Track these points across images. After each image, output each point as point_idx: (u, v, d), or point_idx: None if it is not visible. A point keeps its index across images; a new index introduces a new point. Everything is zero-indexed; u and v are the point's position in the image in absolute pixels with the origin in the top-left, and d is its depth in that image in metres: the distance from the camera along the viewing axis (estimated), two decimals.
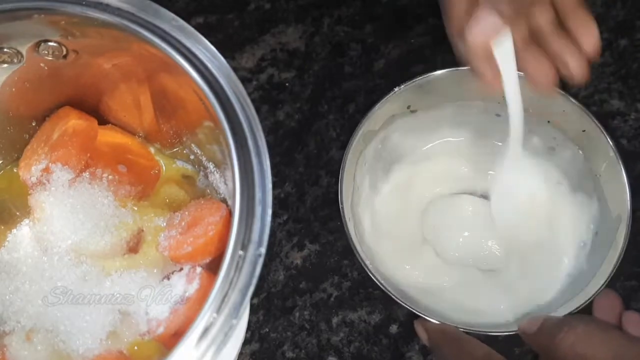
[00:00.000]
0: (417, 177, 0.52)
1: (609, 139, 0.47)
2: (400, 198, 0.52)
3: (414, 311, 0.44)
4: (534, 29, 0.45)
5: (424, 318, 0.44)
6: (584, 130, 0.48)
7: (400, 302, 0.44)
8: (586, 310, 0.44)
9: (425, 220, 0.51)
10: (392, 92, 0.48)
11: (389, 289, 0.44)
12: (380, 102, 0.48)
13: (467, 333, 0.43)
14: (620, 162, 0.46)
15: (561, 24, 0.45)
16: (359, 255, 0.45)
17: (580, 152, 0.49)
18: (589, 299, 0.43)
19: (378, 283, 0.44)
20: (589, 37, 0.44)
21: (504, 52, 0.43)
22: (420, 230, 0.51)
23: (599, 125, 0.47)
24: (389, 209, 0.52)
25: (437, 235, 0.51)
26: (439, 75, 0.48)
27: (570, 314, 0.43)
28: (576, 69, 0.44)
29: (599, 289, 0.44)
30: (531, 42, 0.45)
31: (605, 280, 0.44)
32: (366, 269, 0.44)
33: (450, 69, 0.48)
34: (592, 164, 0.48)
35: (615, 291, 0.44)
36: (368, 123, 0.48)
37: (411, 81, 0.48)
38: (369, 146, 0.50)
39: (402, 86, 0.48)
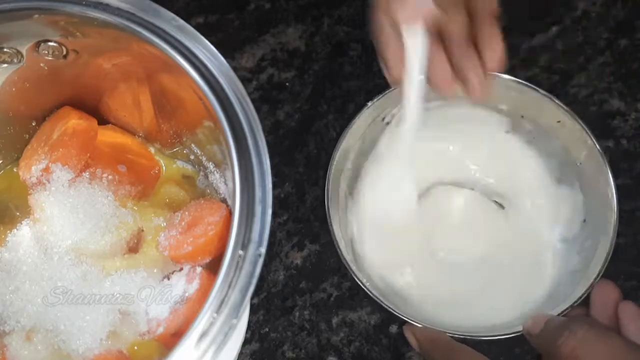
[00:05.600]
0: (399, 185, 0.52)
1: (584, 127, 0.47)
2: (385, 205, 0.52)
3: (406, 318, 0.44)
4: (445, 32, 0.44)
5: (412, 323, 0.44)
6: (558, 121, 0.48)
7: (393, 311, 0.44)
8: (586, 301, 0.44)
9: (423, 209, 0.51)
10: (365, 107, 0.48)
11: (382, 299, 0.44)
12: (355, 118, 0.48)
13: (464, 339, 0.43)
14: (599, 148, 0.46)
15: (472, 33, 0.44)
16: (352, 271, 0.45)
17: (558, 143, 0.49)
18: (587, 290, 0.43)
19: (372, 295, 0.44)
20: (493, 52, 0.43)
21: (416, 43, 0.43)
22: (412, 236, 0.51)
23: (573, 114, 0.47)
24: (375, 219, 0.52)
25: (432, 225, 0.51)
26: None
27: (572, 307, 0.43)
28: (476, 89, 0.44)
29: (596, 278, 0.43)
30: (439, 45, 0.45)
31: (601, 269, 0.44)
32: (359, 282, 0.44)
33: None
34: (571, 154, 0.49)
35: (612, 282, 0.44)
36: (346, 140, 0.48)
37: (382, 94, 0.48)
38: (348, 161, 0.50)
39: (375, 100, 0.48)
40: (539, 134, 0.50)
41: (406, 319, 0.44)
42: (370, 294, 0.44)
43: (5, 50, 0.41)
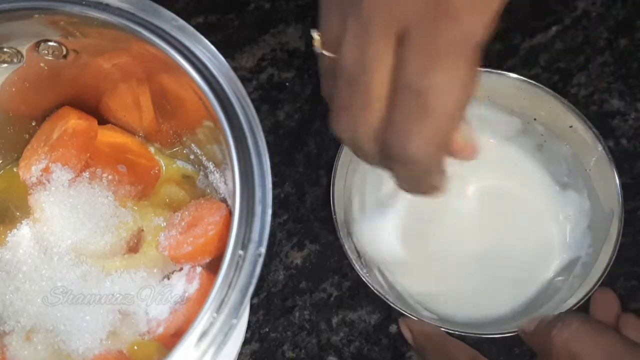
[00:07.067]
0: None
1: (596, 134, 0.47)
2: (390, 200, 0.52)
3: (406, 313, 0.44)
4: None
5: (409, 317, 0.44)
6: (571, 126, 0.48)
7: (394, 305, 0.44)
8: (584, 308, 0.44)
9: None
10: None
11: (382, 292, 0.44)
12: None
13: (463, 336, 0.43)
14: (609, 156, 0.46)
15: None
16: (354, 264, 0.45)
17: (569, 147, 0.49)
18: (586, 296, 0.43)
19: (373, 289, 0.44)
20: None
21: None
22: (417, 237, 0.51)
23: (586, 120, 0.47)
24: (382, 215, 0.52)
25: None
26: None
27: (569, 311, 0.43)
28: None
29: (595, 284, 0.43)
30: None
31: (601, 276, 0.44)
32: (361, 275, 0.44)
33: None
34: (581, 159, 0.49)
35: (612, 291, 0.44)
36: None
37: None
38: (353, 155, 0.50)
39: None
40: (550, 137, 0.50)
41: (407, 314, 0.44)
42: (372, 287, 0.44)
43: (5, 50, 0.41)
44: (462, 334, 0.43)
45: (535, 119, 0.50)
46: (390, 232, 0.46)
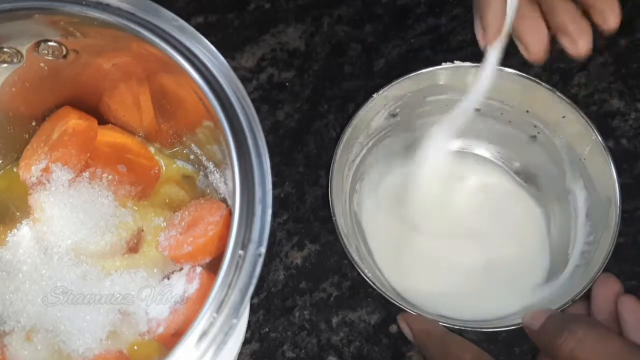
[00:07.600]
0: (402, 180, 0.52)
1: (589, 122, 0.47)
2: (388, 200, 0.52)
3: (407, 309, 0.44)
4: None
5: (408, 313, 0.44)
6: (563, 117, 0.48)
7: (394, 302, 0.44)
8: (587, 295, 0.44)
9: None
10: (372, 99, 0.48)
11: (383, 290, 0.44)
12: (360, 110, 0.48)
13: (461, 330, 0.43)
14: (603, 143, 0.46)
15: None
16: (355, 262, 0.45)
17: (564, 138, 0.49)
18: (588, 285, 0.43)
19: (375, 286, 0.44)
20: (612, 13, 0.41)
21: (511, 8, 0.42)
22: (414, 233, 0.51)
23: (578, 109, 0.47)
24: (379, 211, 0.52)
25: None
26: (415, 76, 0.49)
27: (572, 300, 0.43)
28: (582, 48, 0.42)
29: (597, 273, 0.44)
30: (535, 3, 0.43)
31: (602, 264, 0.44)
32: (362, 273, 0.44)
33: (426, 70, 0.48)
34: (575, 150, 0.49)
35: (614, 276, 0.44)
36: (350, 132, 0.48)
37: (389, 85, 0.48)
38: (351, 153, 0.50)
39: (381, 91, 0.48)
40: (544, 129, 0.50)
41: (408, 310, 0.44)
42: (374, 285, 0.44)
43: (5, 50, 0.41)
44: (463, 328, 0.43)
45: (527, 111, 0.50)
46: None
